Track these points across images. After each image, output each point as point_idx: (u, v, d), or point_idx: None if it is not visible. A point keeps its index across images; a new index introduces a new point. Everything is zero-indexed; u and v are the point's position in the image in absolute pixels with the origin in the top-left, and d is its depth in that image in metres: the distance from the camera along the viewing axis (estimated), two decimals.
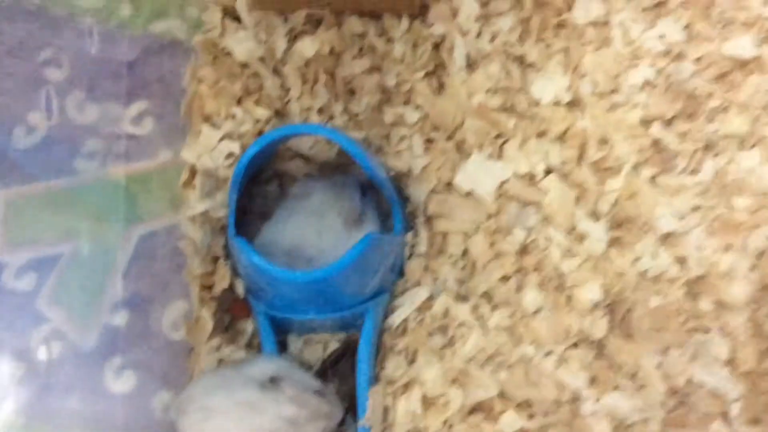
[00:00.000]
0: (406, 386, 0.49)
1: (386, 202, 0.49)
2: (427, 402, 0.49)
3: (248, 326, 0.51)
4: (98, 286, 0.51)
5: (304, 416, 0.43)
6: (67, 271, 0.52)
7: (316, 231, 0.46)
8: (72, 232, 0.52)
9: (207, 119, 0.50)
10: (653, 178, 0.52)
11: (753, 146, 0.52)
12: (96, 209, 0.52)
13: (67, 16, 0.55)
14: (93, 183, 0.53)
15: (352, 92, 0.53)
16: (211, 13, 0.53)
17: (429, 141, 0.51)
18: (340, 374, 0.50)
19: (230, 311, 0.51)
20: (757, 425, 0.48)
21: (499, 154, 0.51)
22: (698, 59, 0.53)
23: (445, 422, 0.49)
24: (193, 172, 0.50)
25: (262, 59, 0.51)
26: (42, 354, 0.50)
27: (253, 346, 0.51)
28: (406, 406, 0.49)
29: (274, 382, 0.44)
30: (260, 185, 0.51)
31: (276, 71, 0.52)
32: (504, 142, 0.51)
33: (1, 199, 0.52)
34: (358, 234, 0.45)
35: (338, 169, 0.51)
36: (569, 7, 0.54)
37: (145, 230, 0.52)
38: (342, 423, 0.49)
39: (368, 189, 0.49)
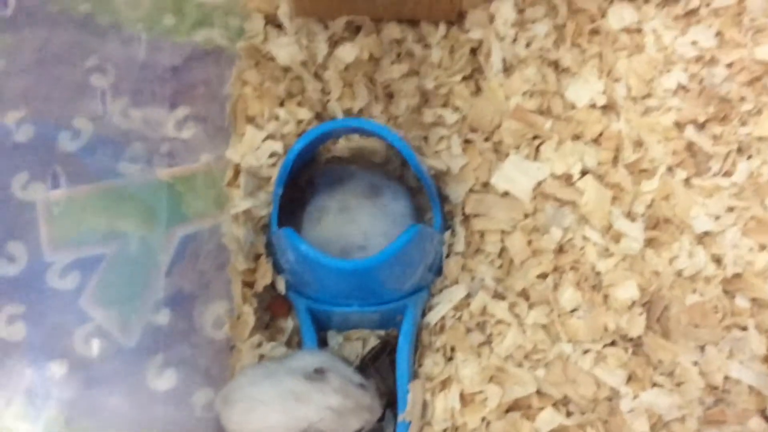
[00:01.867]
0: (444, 383, 0.50)
1: (426, 200, 0.50)
2: (465, 399, 0.50)
3: (288, 324, 0.52)
4: (141, 285, 0.53)
5: (348, 407, 0.44)
6: (111, 270, 0.53)
7: (349, 222, 0.47)
8: (116, 233, 0.53)
9: (251, 120, 0.52)
10: (688, 180, 0.53)
11: None
12: (140, 210, 0.54)
13: (113, 25, 0.57)
14: (137, 185, 0.54)
15: (390, 95, 0.54)
16: (253, 20, 0.55)
17: (467, 142, 0.52)
18: (379, 371, 0.51)
19: (270, 309, 0.52)
20: None
21: (536, 155, 0.52)
22: (730, 64, 0.55)
23: (483, 419, 0.50)
24: (237, 171, 0.51)
25: (304, 63, 0.53)
26: (85, 352, 0.52)
27: (293, 344, 0.52)
28: (445, 402, 0.50)
29: (319, 373, 0.44)
30: (298, 183, 0.52)
31: (317, 75, 0.53)
32: (540, 144, 0.52)
33: (47, 201, 0.53)
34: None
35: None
36: (603, 14, 0.55)
37: (188, 230, 0.53)
38: (381, 419, 0.49)
39: (398, 183, 0.50)
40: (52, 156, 0.54)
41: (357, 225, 0.49)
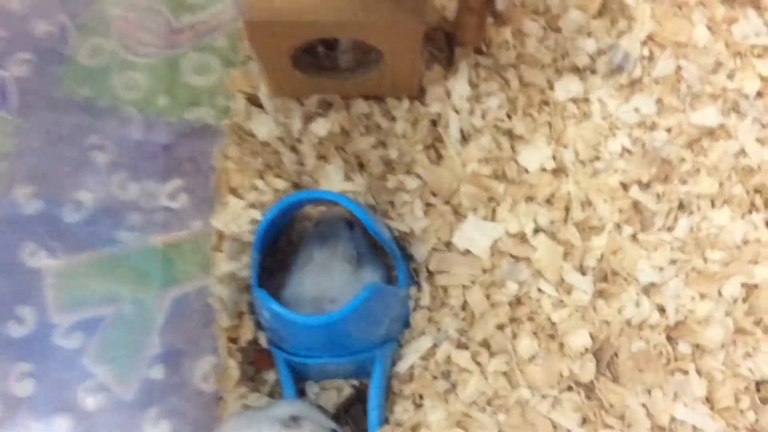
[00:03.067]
0: (414, 429, 0.54)
1: (390, 259, 0.55)
2: None
3: (271, 376, 0.56)
4: (138, 343, 0.58)
5: None
6: (111, 330, 0.58)
7: (327, 277, 0.52)
8: (115, 295, 0.59)
9: (233, 191, 0.57)
10: (634, 236, 0.58)
11: (723, 204, 0.58)
12: (136, 274, 0.59)
13: (112, 107, 0.64)
14: (134, 251, 0.60)
15: (361, 165, 0.60)
16: (237, 100, 0.61)
17: (429, 205, 0.57)
18: (353, 418, 0.55)
19: (254, 363, 0.57)
20: None
21: (492, 216, 0.57)
22: (669, 129, 0.60)
23: None
24: (221, 237, 0.57)
25: (281, 138, 0.59)
26: (88, 406, 0.57)
27: (275, 395, 0.56)
28: None
29: (295, 421, 0.49)
30: (279, 246, 0.57)
31: (293, 148, 0.59)
32: (496, 205, 0.57)
33: (53, 269, 0.59)
34: (365, 274, 0.52)
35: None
36: (551, 87, 0.60)
37: (179, 292, 0.58)
38: None
39: (362, 235, 0.55)
40: (57, 227, 0.60)
41: (333, 282, 0.53)
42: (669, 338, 0.54)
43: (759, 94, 0.60)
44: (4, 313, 0.57)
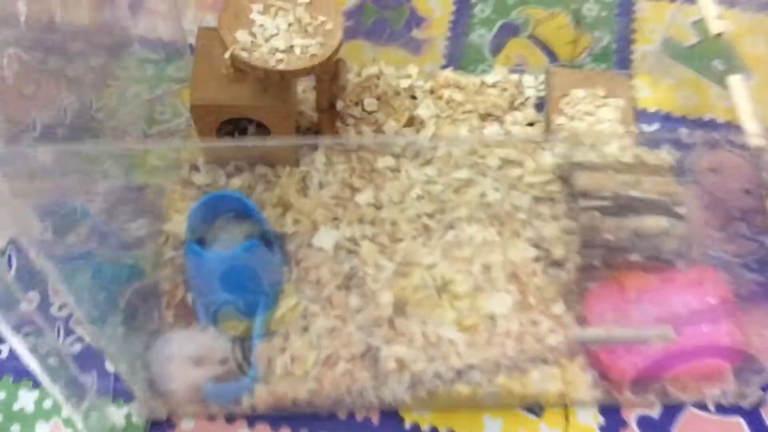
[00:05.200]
0: (283, 349, 0.87)
1: (273, 245, 0.91)
2: (294, 359, 0.87)
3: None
4: None
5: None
6: None
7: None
8: None
9: (177, 211, 0.94)
10: (423, 243, 0.95)
11: (472, 224, 0.96)
12: None
13: None
14: None
15: (263, 205, 0.97)
16: (184, 168, 0.99)
17: (297, 221, 0.94)
18: (242, 349, 0.88)
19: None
20: None
21: (336, 226, 0.94)
22: (444, 183, 1.00)
23: (305, 372, 0.86)
24: (168, 235, 0.92)
25: (208, 185, 0.96)
26: None
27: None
28: (282, 360, 0.86)
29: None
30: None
31: None
32: (339, 222, 0.95)
33: None
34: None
35: None
36: (376, 162, 1.01)
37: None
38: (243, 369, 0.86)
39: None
40: None
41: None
42: (438, 292, 0.90)
43: (499, 167, 1.01)
44: None
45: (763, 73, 1.07)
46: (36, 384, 0.89)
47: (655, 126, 1.11)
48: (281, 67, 0.83)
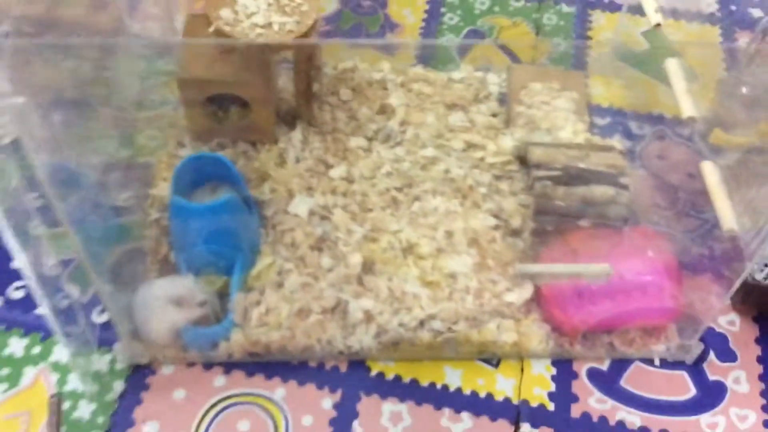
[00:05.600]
0: (258, 302, 0.93)
1: (252, 209, 0.99)
2: (269, 311, 0.93)
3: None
4: None
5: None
6: None
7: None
8: None
9: (163, 179, 1.01)
10: (391, 213, 1.02)
11: (437, 196, 1.04)
12: None
13: None
14: None
15: (244, 177, 1.05)
16: (170, 144, 1.07)
17: (274, 190, 1.02)
18: (220, 300, 0.94)
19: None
20: None
21: (311, 195, 1.01)
22: (411, 161, 1.08)
23: (279, 323, 0.92)
24: (154, 198, 1.00)
25: None
26: None
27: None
28: (258, 311, 0.93)
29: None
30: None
31: None
32: (313, 192, 1.02)
33: None
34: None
35: None
36: (349, 142, 1.09)
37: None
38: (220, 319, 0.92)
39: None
40: None
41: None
42: (404, 254, 0.97)
43: (464, 150, 1.10)
44: None
45: (706, 76, 1.18)
46: (27, 332, 0.94)
47: (608, 120, 1.21)
48: (260, 40, 0.92)
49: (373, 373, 0.94)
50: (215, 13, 0.93)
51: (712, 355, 0.97)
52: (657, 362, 0.97)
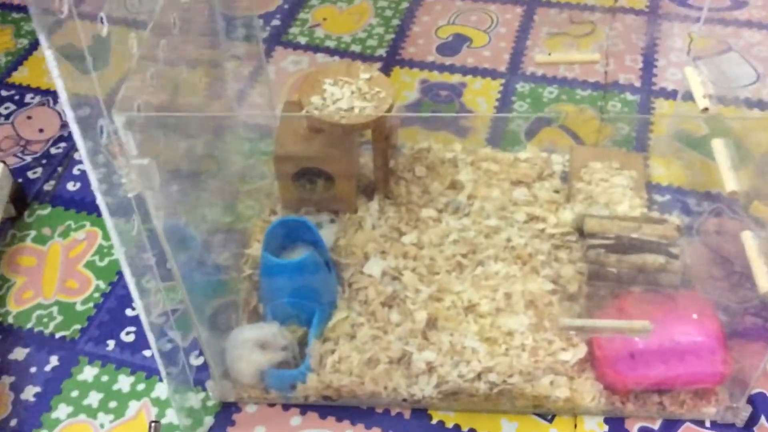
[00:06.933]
0: (333, 351, 1.04)
1: (331, 269, 1.11)
2: (342, 358, 1.04)
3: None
4: None
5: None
6: None
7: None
8: None
9: (258, 240, 1.16)
10: (456, 276, 1.13)
11: (498, 262, 1.14)
12: None
13: None
14: None
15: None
16: (265, 212, 1.22)
17: (351, 253, 1.14)
18: (300, 346, 1.06)
19: None
20: None
21: (384, 258, 1.13)
22: (476, 230, 1.18)
23: (350, 370, 1.03)
24: (248, 257, 1.14)
25: None
26: None
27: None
28: (332, 359, 1.04)
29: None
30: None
31: None
32: (386, 255, 1.14)
33: None
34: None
35: None
36: (421, 211, 1.21)
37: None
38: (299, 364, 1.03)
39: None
40: None
41: None
42: (465, 312, 1.06)
43: (526, 222, 1.19)
44: None
45: (753, 152, 1.25)
46: (133, 371, 1.09)
47: (667, 197, 1.28)
48: (343, 121, 1.06)
49: (434, 421, 1.02)
50: (307, 100, 1.09)
51: (762, 420, 1.01)
52: (708, 423, 1.01)
